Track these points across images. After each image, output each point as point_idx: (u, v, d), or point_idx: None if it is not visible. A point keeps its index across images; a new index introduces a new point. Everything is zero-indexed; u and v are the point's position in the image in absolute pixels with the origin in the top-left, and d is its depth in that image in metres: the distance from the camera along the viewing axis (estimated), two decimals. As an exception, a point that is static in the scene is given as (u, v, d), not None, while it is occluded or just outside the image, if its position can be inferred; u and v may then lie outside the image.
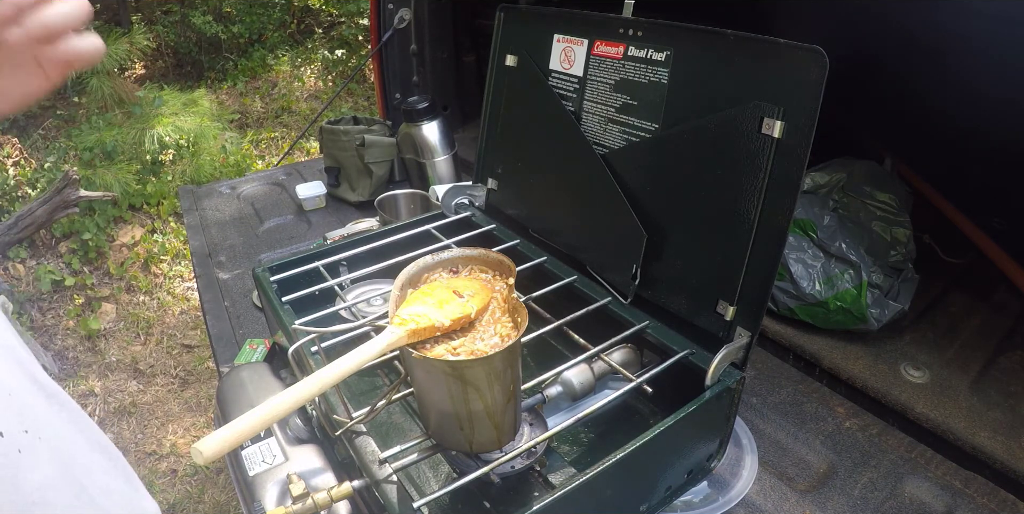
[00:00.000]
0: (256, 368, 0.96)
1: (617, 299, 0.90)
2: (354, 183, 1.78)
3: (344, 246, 1.04)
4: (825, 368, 1.14)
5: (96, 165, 3.42)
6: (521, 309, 0.62)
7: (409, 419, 0.86)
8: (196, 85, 4.54)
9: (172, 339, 2.86)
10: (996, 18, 0.83)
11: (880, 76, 1.08)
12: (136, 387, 2.61)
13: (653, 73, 0.85)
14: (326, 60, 4.89)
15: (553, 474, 0.78)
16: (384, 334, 0.58)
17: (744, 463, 0.91)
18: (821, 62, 0.66)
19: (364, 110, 4.52)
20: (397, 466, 0.66)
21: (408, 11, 1.89)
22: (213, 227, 1.72)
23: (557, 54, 1.00)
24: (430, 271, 0.69)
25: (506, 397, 0.62)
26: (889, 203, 1.23)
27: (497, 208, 1.16)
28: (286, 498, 0.74)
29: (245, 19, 4.82)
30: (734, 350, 0.76)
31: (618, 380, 0.86)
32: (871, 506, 0.88)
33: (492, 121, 1.14)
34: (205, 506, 2.07)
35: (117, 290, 3.15)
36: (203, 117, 3.77)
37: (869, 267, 1.15)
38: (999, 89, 0.91)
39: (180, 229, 3.48)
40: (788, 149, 0.70)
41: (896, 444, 0.99)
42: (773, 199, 0.72)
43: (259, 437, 0.83)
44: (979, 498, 0.90)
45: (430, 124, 1.69)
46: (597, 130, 0.95)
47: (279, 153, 4.08)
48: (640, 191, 0.88)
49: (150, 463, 2.24)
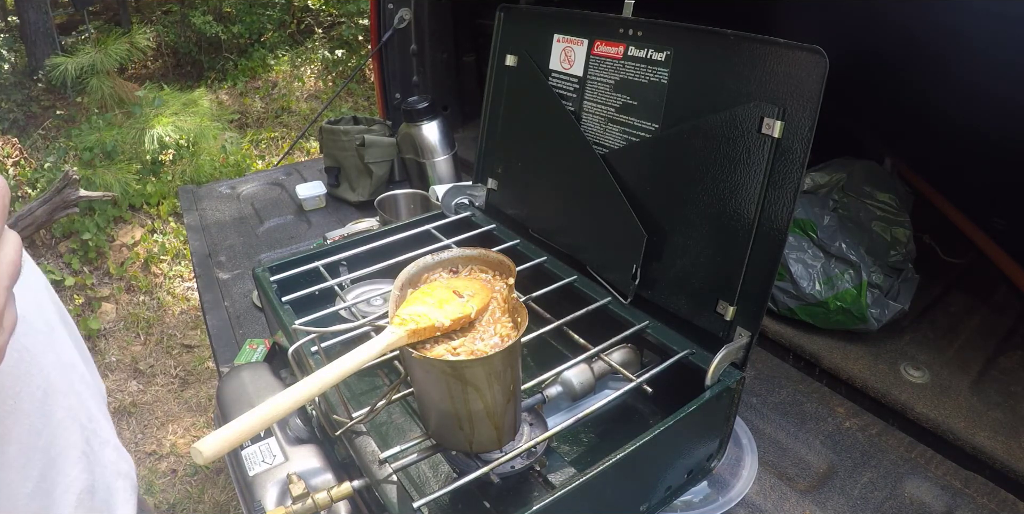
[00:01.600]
0: (256, 368, 0.96)
1: (617, 299, 0.90)
2: (354, 183, 1.78)
3: (344, 246, 1.04)
4: (825, 368, 1.14)
5: (96, 165, 3.42)
6: (521, 309, 0.62)
7: (409, 419, 0.86)
8: (196, 85, 4.55)
9: (172, 339, 2.86)
10: (996, 17, 0.83)
11: (880, 76, 1.08)
12: (136, 387, 2.61)
13: (653, 73, 0.85)
14: (326, 60, 4.89)
15: (553, 474, 0.77)
16: (384, 334, 0.58)
17: (744, 463, 0.91)
18: (821, 62, 0.66)
19: (364, 110, 4.52)
20: (397, 466, 0.66)
21: (408, 11, 1.89)
22: (213, 227, 1.72)
23: (557, 54, 1.00)
24: (430, 271, 0.69)
25: (506, 397, 0.62)
26: (889, 203, 1.23)
27: (497, 208, 1.16)
28: (286, 498, 0.75)
29: (245, 19, 4.82)
30: (734, 350, 0.76)
31: (618, 380, 0.86)
32: (871, 506, 0.88)
33: (492, 121, 1.14)
34: (205, 506, 2.07)
35: (117, 290, 3.15)
36: (203, 117, 3.77)
37: (869, 267, 1.15)
38: (999, 88, 0.91)
39: (180, 229, 3.48)
40: (788, 149, 0.70)
41: (896, 444, 0.99)
42: (773, 199, 0.72)
43: (259, 437, 0.83)
44: (979, 498, 0.90)
45: (430, 124, 1.69)
46: (597, 130, 0.95)
47: (279, 153, 4.08)
48: (640, 191, 0.88)
49: (150, 463, 2.24)
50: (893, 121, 1.27)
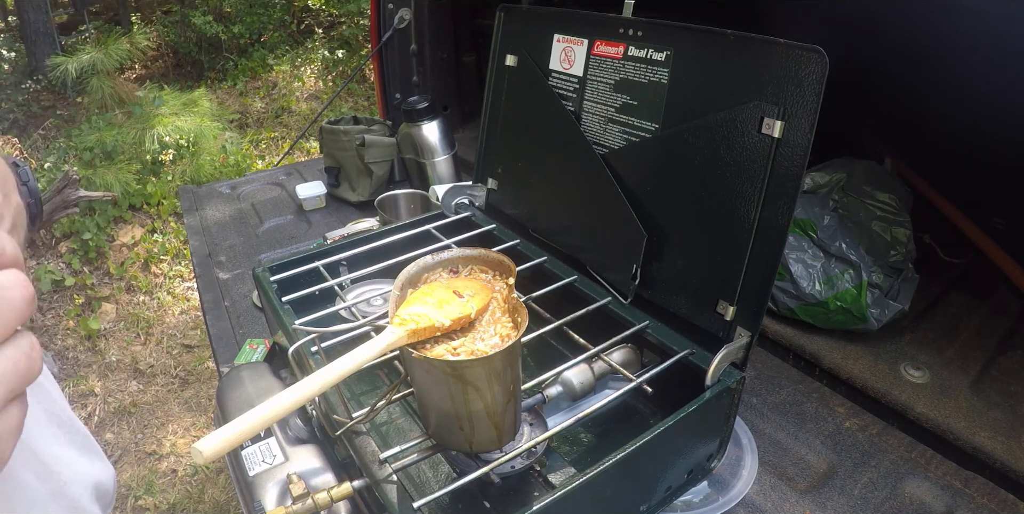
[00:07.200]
0: (256, 368, 0.96)
1: (617, 299, 0.90)
2: (354, 183, 1.78)
3: (344, 246, 1.04)
4: (825, 368, 1.14)
5: (96, 165, 3.42)
6: (521, 309, 0.62)
7: (409, 419, 0.85)
8: (196, 85, 4.55)
9: (172, 339, 2.86)
10: (995, 18, 0.83)
11: (880, 75, 1.08)
12: (136, 387, 2.61)
13: (653, 73, 0.85)
14: (326, 60, 4.89)
15: (553, 474, 0.77)
16: (384, 334, 0.58)
17: (744, 463, 0.91)
18: (821, 62, 0.66)
19: (364, 110, 4.53)
20: (397, 466, 0.66)
21: (408, 11, 1.89)
22: (213, 227, 1.72)
23: (557, 54, 1.00)
24: (430, 271, 0.69)
25: (506, 397, 0.62)
26: (889, 203, 1.23)
27: (497, 208, 1.16)
28: (286, 498, 0.74)
29: (245, 19, 4.82)
30: (734, 350, 0.76)
31: (618, 380, 0.86)
32: (871, 506, 0.88)
33: (492, 121, 1.14)
34: (205, 506, 2.07)
35: (117, 290, 3.15)
36: (203, 117, 3.78)
37: (869, 267, 1.15)
38: (999, 88, 0.91)
39: (180, 229, 3.48)
40: (788, 149, 0.70)
41: (896, 444, 0.99)
42: (773, 199, 0.72)
43: (259, 437, 0.83)
44: (979, 498, 0.90)
45: (430, 124, 1.69)
46: (597, 130, 0.95)
47: (279, 153, 4.08)
48: (640, 191, 0.88)
49: (150, 463, 2.24)
50: (893, 121, 1.27)
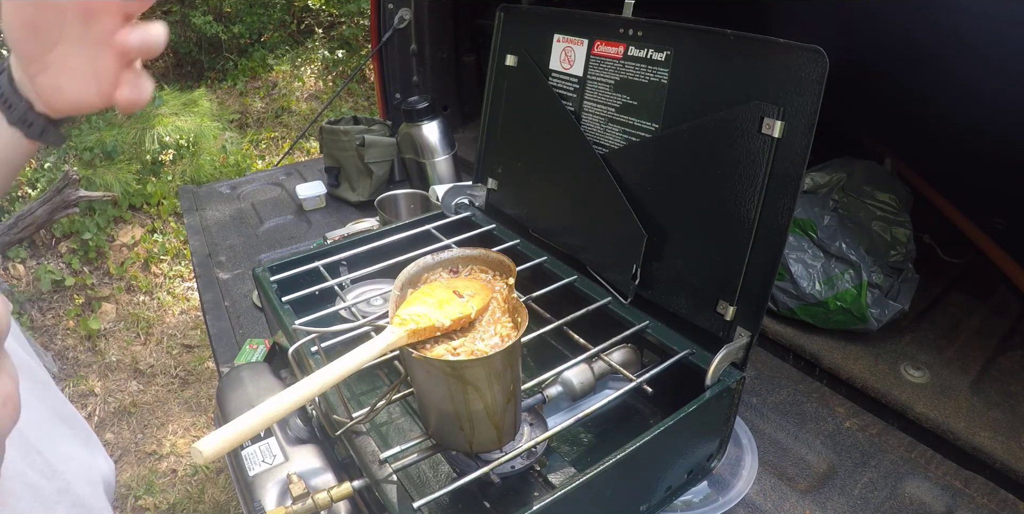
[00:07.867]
0: (256, 368, 0.96)
1: (617, 299, 0.90)
2: (354, 183, 1.78)
3: (344, 246, 1.04)
4: (825, 368, 1.14)
5: (96, 165, 3.42)
6: (521, 309, 0.62)
7: (409, 419, 0.85)
8: (196, 85, 4.54)
9: (172, 339, 2.86)
10: (995, 18, 0.83)
11: (880, 75, 1.08)
12: (136, 387, 2.61)
13: (653, 73, 0.85)
14: (326, 60, 4.89)
15: (553, 474, 0.77)
16: (384, 334, 0.58)
17: (744, 463, 0.91)
18: (821, 62, 0.66)
19: (364, 110, 4.52)
20: (397, 466, 0.66)
21: (408, 11, 1.89)
22: (213, 227, 1.72)
23: (557, 54, 1.00)
24: (430, 271, 0.69)
25: (506, 397, 0.62)
26: (889, 203, 1.23)
27: (497, 208, 1.16)
28: (286, 498, 0.75)
29: (245, 19, 4.82)
30: (734, 350, 0.76)
31: (618, 380, 0.86)
32: (871, 506, 0.88)
33: (492, 121, 1.14)
34: (205, 506, 2.07)
35: (117, 290, 3.15)
36: (203, 117, 3.77)
37: (869, 267, 1.15)
38: (999, 88, 0.91)
39: (180, 229, 3.48)
40: (788, 149, 0.70)
41: (896, 444, 0.99)
42: (773, 199, 0.72)
43: (259, 437, 0.83)
44: (979, 498, 0.90)
45: (430, 124, 1.69)
46: (597, 130, 0.95)
47: (279, 153, 4.08)
48: (640, 191, 0.88)
49: (150, 463, 2.24)
50: (893, 121, 1.27)
